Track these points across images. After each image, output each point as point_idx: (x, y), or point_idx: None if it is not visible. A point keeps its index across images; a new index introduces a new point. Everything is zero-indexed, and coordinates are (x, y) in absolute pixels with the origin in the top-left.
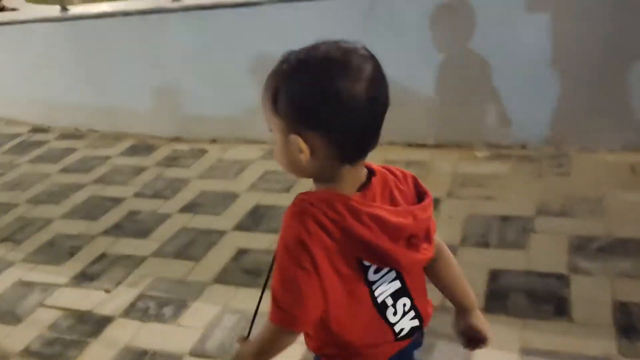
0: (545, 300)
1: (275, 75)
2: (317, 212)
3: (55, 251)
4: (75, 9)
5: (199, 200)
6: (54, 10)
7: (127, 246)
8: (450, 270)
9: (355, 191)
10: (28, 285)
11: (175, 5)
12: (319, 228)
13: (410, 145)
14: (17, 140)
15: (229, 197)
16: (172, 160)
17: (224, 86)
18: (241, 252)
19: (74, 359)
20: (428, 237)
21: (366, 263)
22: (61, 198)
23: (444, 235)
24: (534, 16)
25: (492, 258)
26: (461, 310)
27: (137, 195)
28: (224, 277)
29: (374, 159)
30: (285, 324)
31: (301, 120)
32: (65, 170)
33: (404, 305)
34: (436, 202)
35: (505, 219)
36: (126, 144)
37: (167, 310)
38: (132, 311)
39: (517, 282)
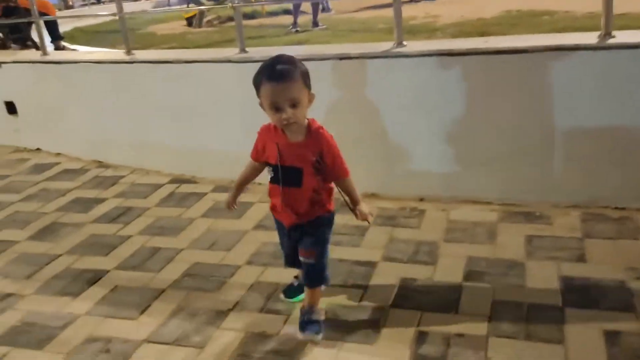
0: None
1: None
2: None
3: None
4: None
5: (478, 268)
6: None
7: None
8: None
9: None
10: None
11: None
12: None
13: None
14: (163, 191)
15: (515, 266)
16: (390, 220)
17: (438, 139)
18: None
19: None
20: None
21: None
22: None
23: None
24: None
25: None
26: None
27: (386, 259)
28: None
29: None
30: (349, 173)
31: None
32: (261, 227)
33: None
34: None
35: None
36: None
37: None
38: None
39: None
